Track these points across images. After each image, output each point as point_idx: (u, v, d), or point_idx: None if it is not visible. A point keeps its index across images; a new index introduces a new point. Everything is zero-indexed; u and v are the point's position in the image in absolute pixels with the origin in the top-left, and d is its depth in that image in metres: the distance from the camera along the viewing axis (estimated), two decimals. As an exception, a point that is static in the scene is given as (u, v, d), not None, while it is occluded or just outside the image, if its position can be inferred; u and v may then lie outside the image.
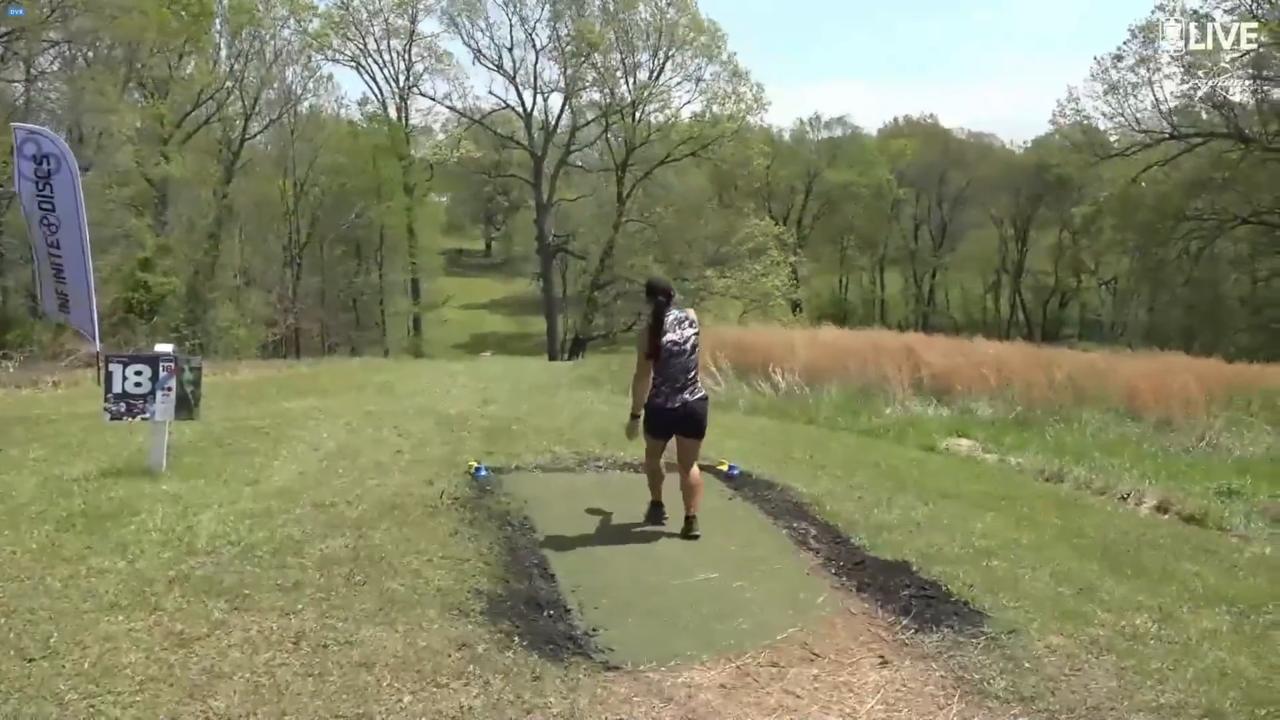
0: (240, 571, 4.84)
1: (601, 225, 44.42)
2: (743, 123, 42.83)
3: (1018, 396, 12.93)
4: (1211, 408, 11.96)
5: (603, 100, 42.95)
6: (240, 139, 39.27)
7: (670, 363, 5.70)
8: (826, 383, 13.90)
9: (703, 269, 41.30)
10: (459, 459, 7.77)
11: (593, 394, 13.83)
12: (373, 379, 15.90)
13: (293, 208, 41.23)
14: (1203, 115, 38.05)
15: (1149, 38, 36.63)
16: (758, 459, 8.32)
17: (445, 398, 12.62)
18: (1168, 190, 38.32)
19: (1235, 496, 8.27)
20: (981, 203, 59.03)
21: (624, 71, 42.58)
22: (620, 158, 43.71)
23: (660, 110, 43.12)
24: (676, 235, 42.88)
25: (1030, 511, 7.07)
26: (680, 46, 41.61)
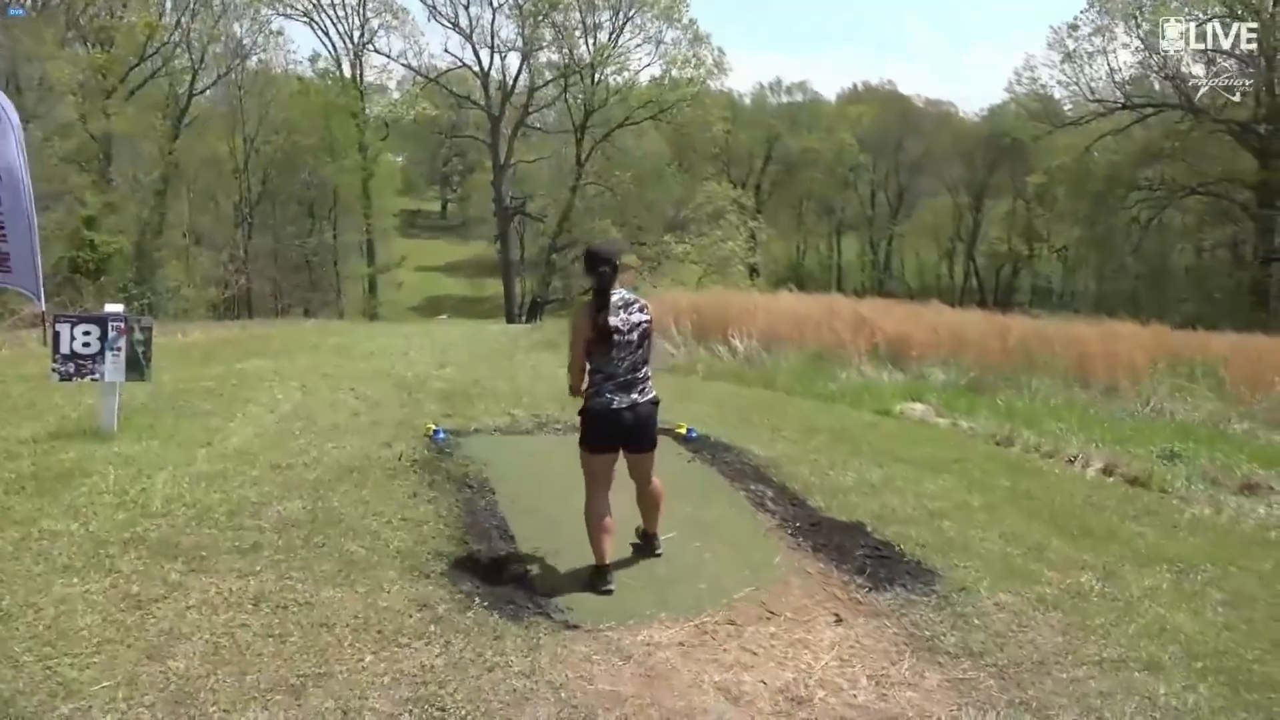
0: (197, 533, 4.81)
1: (560, 188, 44.13)
2: (703, 87, 42.69)
3: (971, 362, 13.13)
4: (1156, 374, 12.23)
5: (561, 61, 42.56)
6: (188, 94, 38.32)
7: (615, 354, 4.53)
8: (784, 348, 14.01)
9: (661, 233, 41.30)
10: (417, 421, 7.75)
11: (550, 357, 13.81)
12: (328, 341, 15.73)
13: (243, 166, 40.38)
14: (1155, 86, 38.63)
15: (1106, 8, 37.03)
16: (716, 422, 8.39)
17: (402, 360, 12.53)
18: (1119, 160, 38.97)
19: (1177, 460, 8.50)
20: (937, 170, 59.55)
21: (583, 31, 42.18)
22: (579, 120, 43.36)
23: (620, 72, 42.89)
24: (635, 199, 42.76)
25: (981, 474, 7.23)
26: (641, 8, 41.22)
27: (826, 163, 57.74)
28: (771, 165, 58.91)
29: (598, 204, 43.30)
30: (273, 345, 14.46)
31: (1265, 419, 10.90)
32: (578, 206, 42.20)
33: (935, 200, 60.51)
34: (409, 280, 51.67)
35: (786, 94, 61.34)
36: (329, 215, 45.21)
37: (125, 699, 3.26)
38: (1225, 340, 15.76)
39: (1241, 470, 7.97)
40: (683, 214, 42.72)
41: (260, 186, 41.43)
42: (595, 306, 4.51)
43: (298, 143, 41.79)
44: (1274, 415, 10.98)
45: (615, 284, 4.53)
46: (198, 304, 31.98)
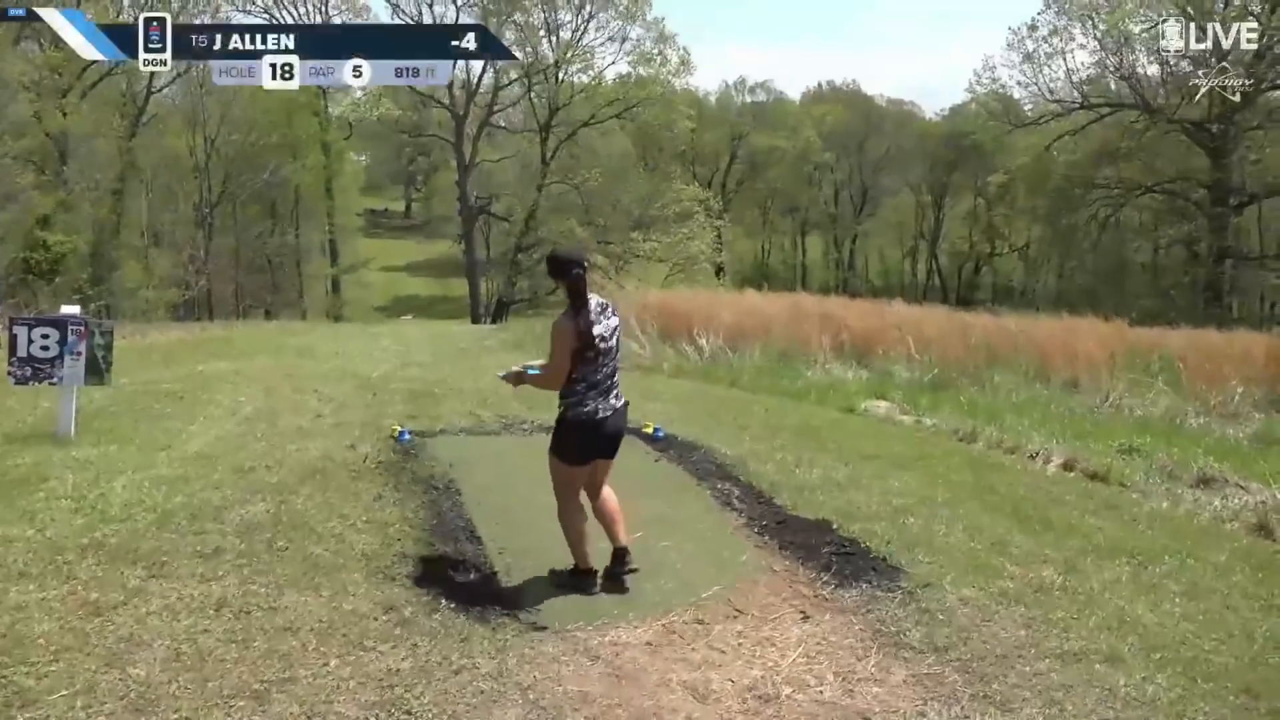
0: (157, 538, 4.74)
1: (525, 187, 43.94)
2: (668, 85, 42.69)
3: (934, 360, 13.26)
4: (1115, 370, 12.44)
5: (525, 59, 42.30)
6: (146, 92, 37.63)
7: (599, 361, 4.38)
8: (750, 346, 14.07)
9: (628, 232, 41.29)
10: (381, 422, 7.69)
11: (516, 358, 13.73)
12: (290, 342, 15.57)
13: (203, 165, 39.78)
14: (1111, 86, 39.25)
15: (1063, 8, 37.60)
16: (682, 421, 8.41)
17: (366, 361, 12.45)
18: (1078, 159, 39.56)
19: (1136, 454, 8.65)
20: (900, 170, 60.00)
21: (546, 30, 42.01)
22: (543, 119, 43.23)
23: (584, 71, 42.76)
24: (601, 198, 42.69)
25: (945, 470, 7.30)
26: (604, 6, 41.16)
27: (791, 161, 58.03)
28: (736, 164, 59.10)
29: (563, 203, 43.16)
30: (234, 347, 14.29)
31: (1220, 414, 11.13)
32: (543, 206, 42.07)
33: (898, 199, 61.01)
34: (374, 280, 51.20)
35: (751, 93, 61.57)
36: (291, 215, 44.69)
37: (84, 707, 3.20)
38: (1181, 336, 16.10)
39: (1197, 465, 8.12)
40: (649, 213, 42.73)
41: (221, 186, 40.80)
42: (575, 312, 4.30)
43: (259, 142, 41.23)
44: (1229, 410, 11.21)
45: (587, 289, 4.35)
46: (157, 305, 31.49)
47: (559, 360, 4.34)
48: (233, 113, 40.57)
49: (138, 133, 36.33)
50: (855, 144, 60.03)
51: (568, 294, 4.35)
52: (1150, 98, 36.93)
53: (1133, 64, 37.11)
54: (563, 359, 4.32)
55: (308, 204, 44.02)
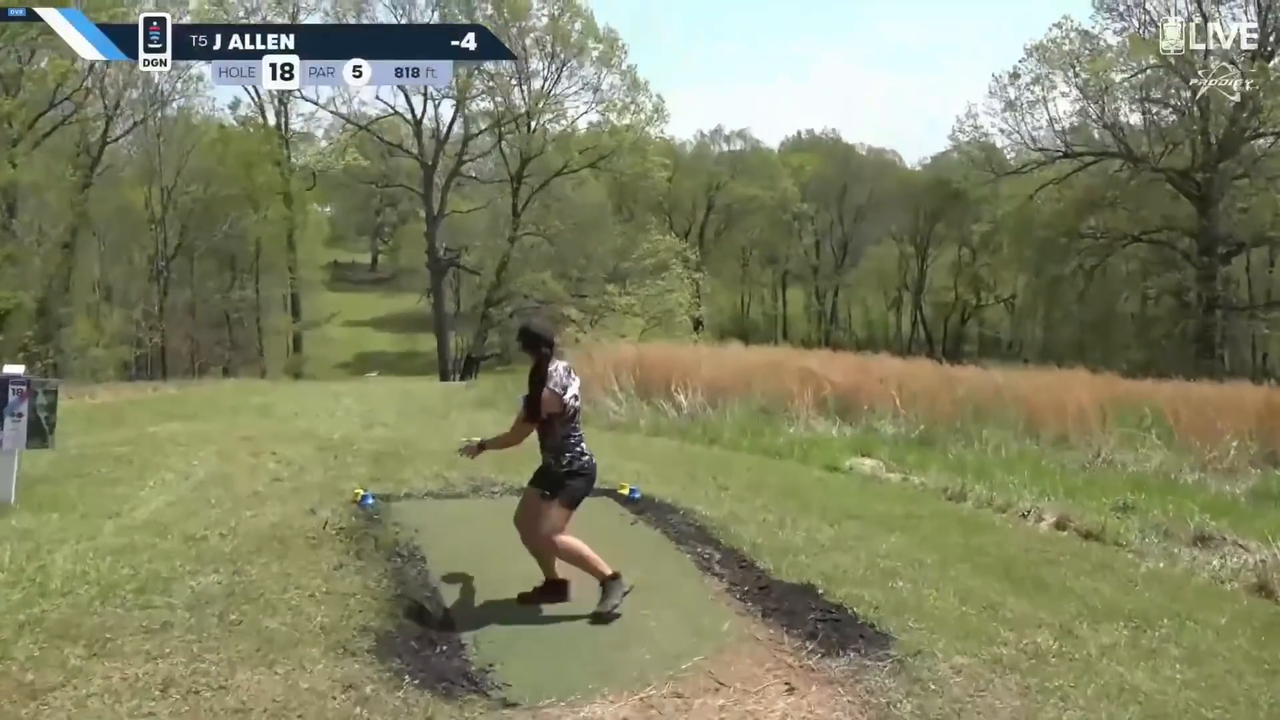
0: (100, 613, 4.62)
1: (496, 239, 44.19)
2: (642, 134, 43.25)
3: (920, 415, 13.33)
4: (1106, 424, 12.54)
5: (496, 108, 42.80)
6: (101, 142, 37.67)
7: (577, 420, 5.10)
8: (729, 402, 14.09)
9: (603, 285, 41.49)
10: (343, 486, 7.61)
11: (487, 416, 13.71)
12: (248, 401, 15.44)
13: (159, 217, 39.69)
14: (1095, 135, 40.19)
15: (1044, 56, 38.58)
16: (660, 481, 8.36)
17: (328, 421, 12.35)
18: (1063, 208, 40.29)
19: (1130, 512, 8.68)
20: (882, 219, 60.81)
21: (518, 79, 42.55)
22: (515, 168, 43.62)
23: (556, 120, 43.24)
24: (575, 249, 42.98)
25: (934, 531, 7.29)
26: (576, 55, 41.81)
27: (770, 211, 58.68)
28: (714, 214, 59.70)
29: (536, 255, 43.41)
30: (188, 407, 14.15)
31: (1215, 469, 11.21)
32: (515, 258, 42.27)
33: (881, 250, 61.74)
34: (337, 336, 51.06)
35: (728, 142, 62.41)
36: (251, 269, 44.60)
37: (15, 800, 3.09)
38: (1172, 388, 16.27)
39: (1194, 522, 8.16)
40: (624, 265, 43.01)
41: (177, 239, 40.69)
42: (554, 383, 4.94)
43: (218, 193, 41.28)
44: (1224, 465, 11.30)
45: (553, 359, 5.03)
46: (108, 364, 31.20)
47: (517, 426, 5.07)
48: (191, 163, 40.67)
49: (91, 184, 36.28)
50: (835, 193, 60.89)
51: (533, 365, 5.02)
52: (1134, 146, 37.87)
53: (1115, 112, 38.15)
54: (520, 425, 5.05)
55: (268, 257, 43.95)
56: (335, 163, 43.66)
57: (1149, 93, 36.56)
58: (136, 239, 39.90)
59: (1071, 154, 39.83)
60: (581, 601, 5.15)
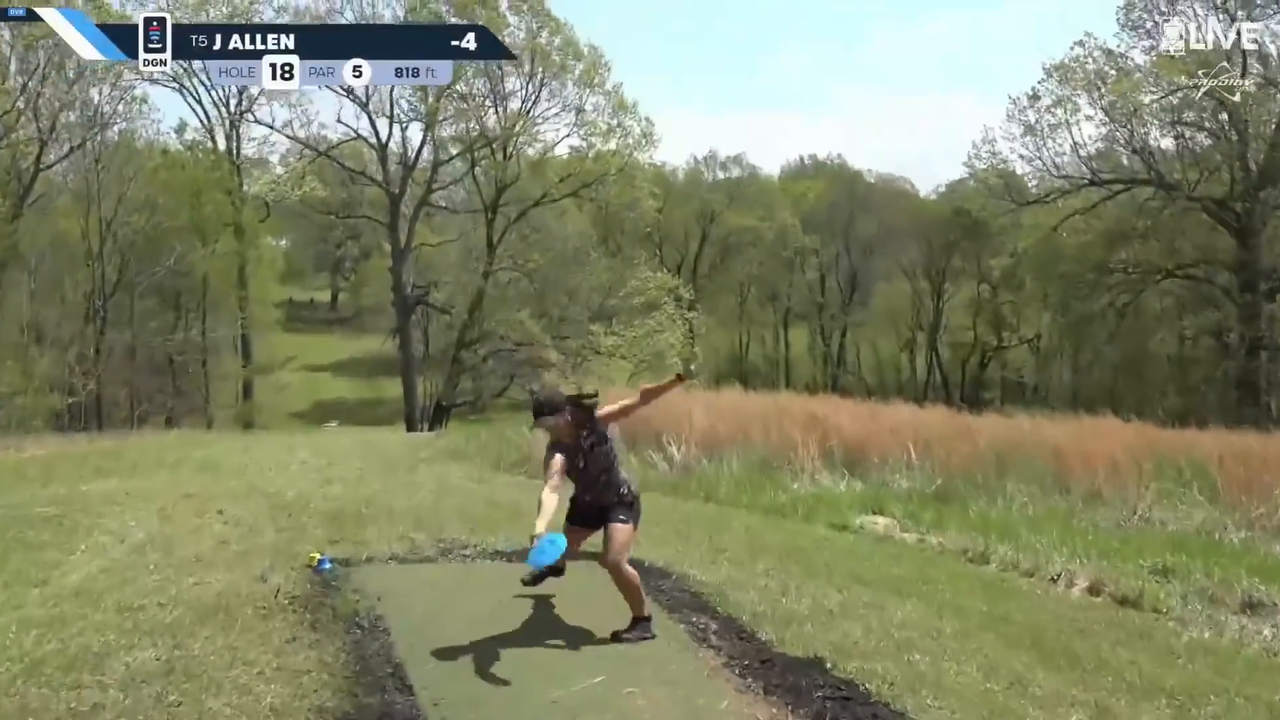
0: (23, 694, 4.56)
1: (468, 274, 44.28)
2: (630, 159, 43.51)
3: (937, 467, 13.34)
4: (1142, 478, 12.55)
5: (469, 132, 43.08)
6: (34, 168, 37.76)
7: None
8: (726, 454, 14.08)
9: (586, 325, 41.56)
10: (297, 549, 7.56)
11: (458, 470, 13.66)
12: (192, 455, 15.34)
13: (97, 250, 39.73)
14: (1123, 160, 40.56)
15: (1066, 76, 39.00)
16: (649, 543, 8.32)
17: (281, 476, 12.28)
18: (1090, 241, 40.52)
19: (1170, 576, 8.66)
20: (893, 252, 61.29)
21: (493, 100, 42.91)
22: (490, 197, 43.83)
23: (535, 144, 43.56)
24: (556, 286, 43.10)
25: (953, 597, 7.26)
26: (557, 74, 42.19)
27: (769, 244, 59.08)
28: (708, 247, 60.10)
29: (513, 292, 43.50)
30: (126, 461, 14.06)
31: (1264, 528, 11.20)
32: (490, 295, 42.35)
33: (891, 285, 62.15)
34: (293, 382, 50.97)
35: (723, 169, 62.98)
36: (198, 308, 44.61)
37: None
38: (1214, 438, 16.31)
39: (1242, 586, 8.14)
40: (610, 302, 43.14)
41: (116, 275, 40.71)
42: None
43: (162, 224, 41.39)
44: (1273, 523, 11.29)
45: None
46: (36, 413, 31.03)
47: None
48: (132, 192, 40.80)
49: (21, 215, 36.31)
50: (842, 224, 61.37)
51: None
52: (1166, 173, 38.13)
53: (1145, 137, 38.46)
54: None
55: (217, 295, 43.97)
56: (291, 191, 43.76)
57: (1181, 115, 36.99)
58: (71, 275, 39.89)
59: (1098, 182, 40.12)
60: (567, 678, 5.10)
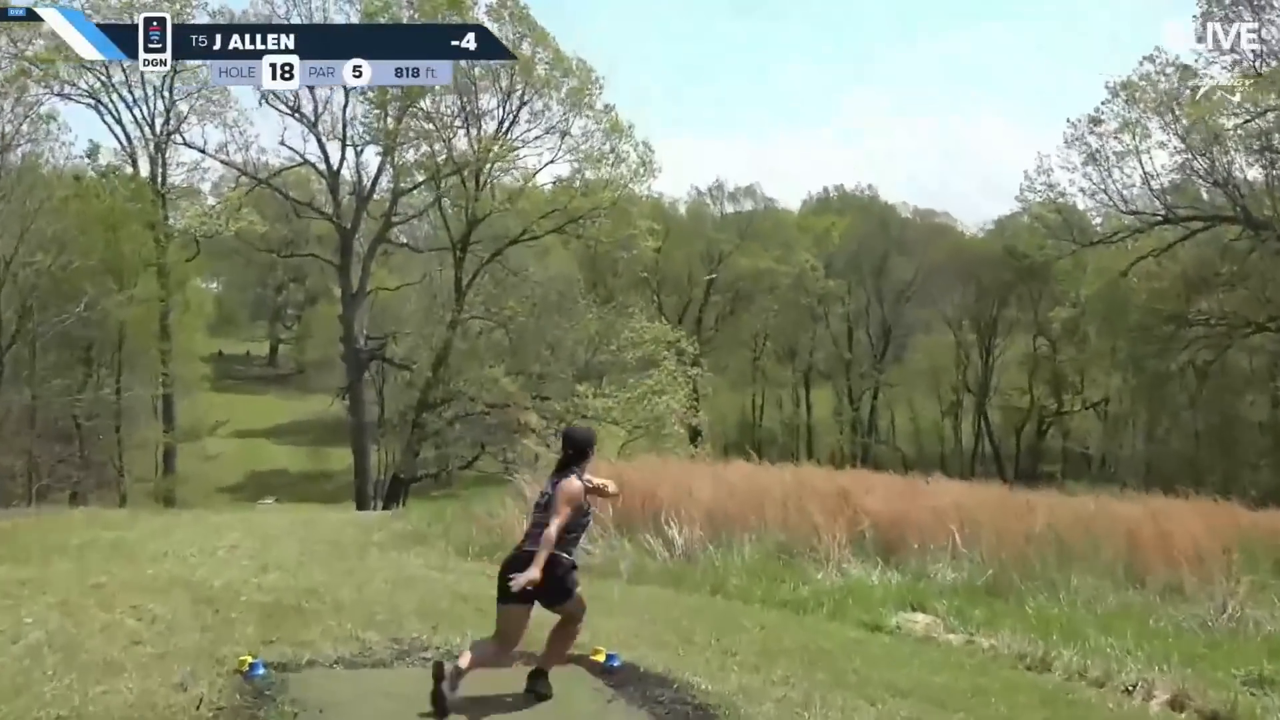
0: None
1: (433, 324, 44.35)
2: (624, 191, 43.69)
3: (988, 555, 13.28)
4: (1231, 568, 12.50)
5: (435, 157, 43.29)
6: (-80, 200, 37.99)
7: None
8: (737, 538, 14.00)
9: (571, 384, 41.48)
10: (225, 651, 7.50)
11: (418, 556, 13.60)
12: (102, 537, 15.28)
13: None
14: (1203, 194, 40.67)
15: (1133, 96, 39.11)
16: (646, 645, 8.28)
17: (207, 563, 12.23)
18: (1165, 287, 40.54)
19: (1269, 686, 8.61)
20: (933, 300, 61.47)
21: (464, 120, 43.19)
22: (459, 233, 43.94)
23: (513, 172, 43.77)
24: (536, 338, 43.13)
25: (1009, 711, 7.20)
26: (540, 91, 42.51)
27: (786, 290, 59.24)
28: (715, 293, 60.33)
29: (485, 345, 43.53)
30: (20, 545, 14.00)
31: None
32: (458, 348, 42.36)
33: (932, 339, 62.32)
34: (223, 451, 50.85)
35: (733, 201, 63.38)
36: (111, 362, 44.55)
37: None
38: (1317, 520, 16.26)
39: (1354, 701, 8.09)
40: (600, 358, 43.16)
41: (15, 323, 40.71)
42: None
43: (71, 264, 41.43)
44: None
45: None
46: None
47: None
48: (37, 226, 40.88)
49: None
50: (873, 267, 61.72)
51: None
52: (1254, 209, 38.12)
53: (1228, 166, 38.53)
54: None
55: (135, 347, 43.88)
56: (225, 225, 43.88)
57: (1271, 141, 37.11)
58: (-41, 322, 39.89)
59: (1174, 219, 40.21)
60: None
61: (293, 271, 62.49)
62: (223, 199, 45.47)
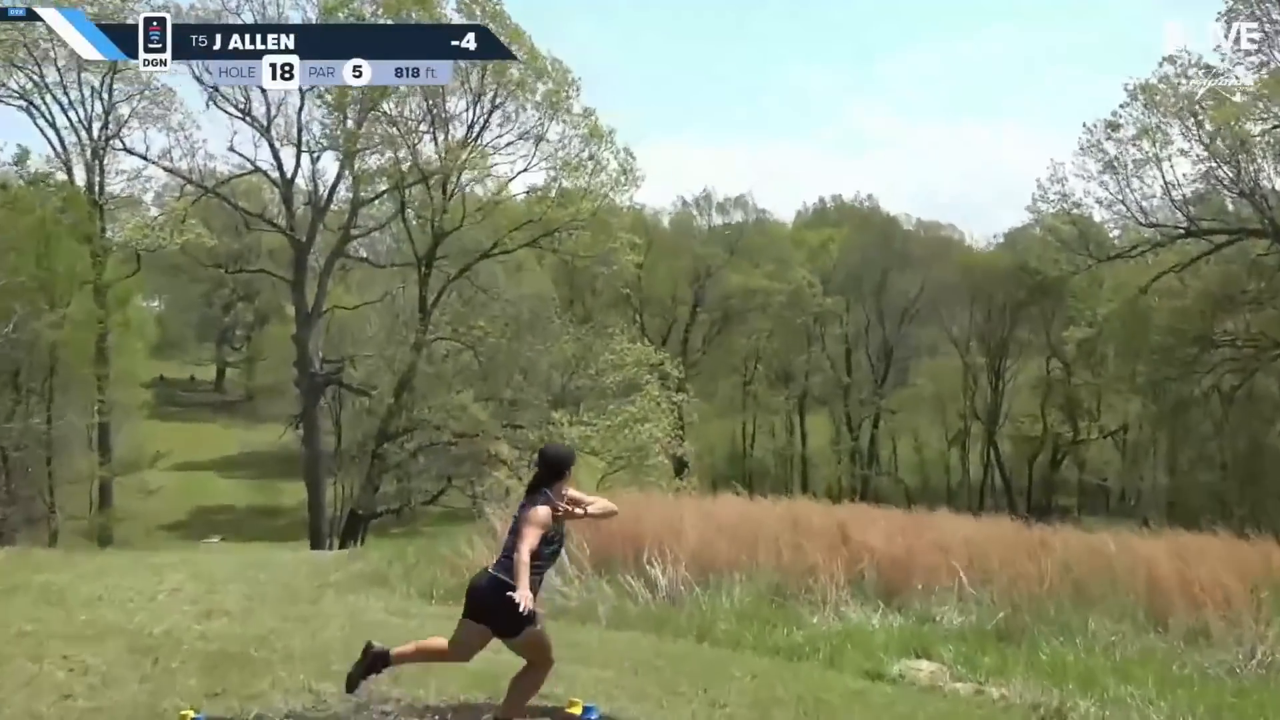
0: None
1: (395, 346, 44.27)
2: (604, 201, 43.74)
3: (998, 596, 13.29)
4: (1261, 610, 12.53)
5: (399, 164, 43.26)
6: None
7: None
8: (726, 579, 13.99)
9: (546, 411, 41.43)
10: (165, 705, 7.48)
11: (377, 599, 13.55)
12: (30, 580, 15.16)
13: (-88, 313, 39.63)
14: (1228, 205, 40.84)
15: (1153, 100, 39.21)
16: (627, 695, 8.27)
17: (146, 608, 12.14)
18: (1188, 306, 40.69)
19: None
20: (938, 319, 61.65)
21: (430, 125, 43.22)
22: (424, 247, 43.97)
23: (484, 180, 43.78)
24: (508, 361, 43.08)
25: (1021, 767, 7.20)
26: (513, 93, 42.56)
27: (780, 309, 59.34)
28: (702, 312, 60.39)
29: (452, 369, 43.42)
30: (-57, 588, 13.89)
31: None
32: (423, 372, 42.26)
33: (937, 362, 62.50)
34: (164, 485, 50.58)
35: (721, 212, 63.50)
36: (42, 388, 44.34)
37: None
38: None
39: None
40: (577, 383, 43.13)
41: (-63, 346, 40.62)
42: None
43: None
44: None
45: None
46: None
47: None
48: (-38, 240, 40.75)
49: None
50: (873, 284, 61.91)
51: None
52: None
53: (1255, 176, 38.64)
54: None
55: (69, 372, 43.71)
56: (170, 238, 43.62)
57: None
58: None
59: (1197, 231, 40.31)
60: None
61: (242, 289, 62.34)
62: (166, 210, 45.22)
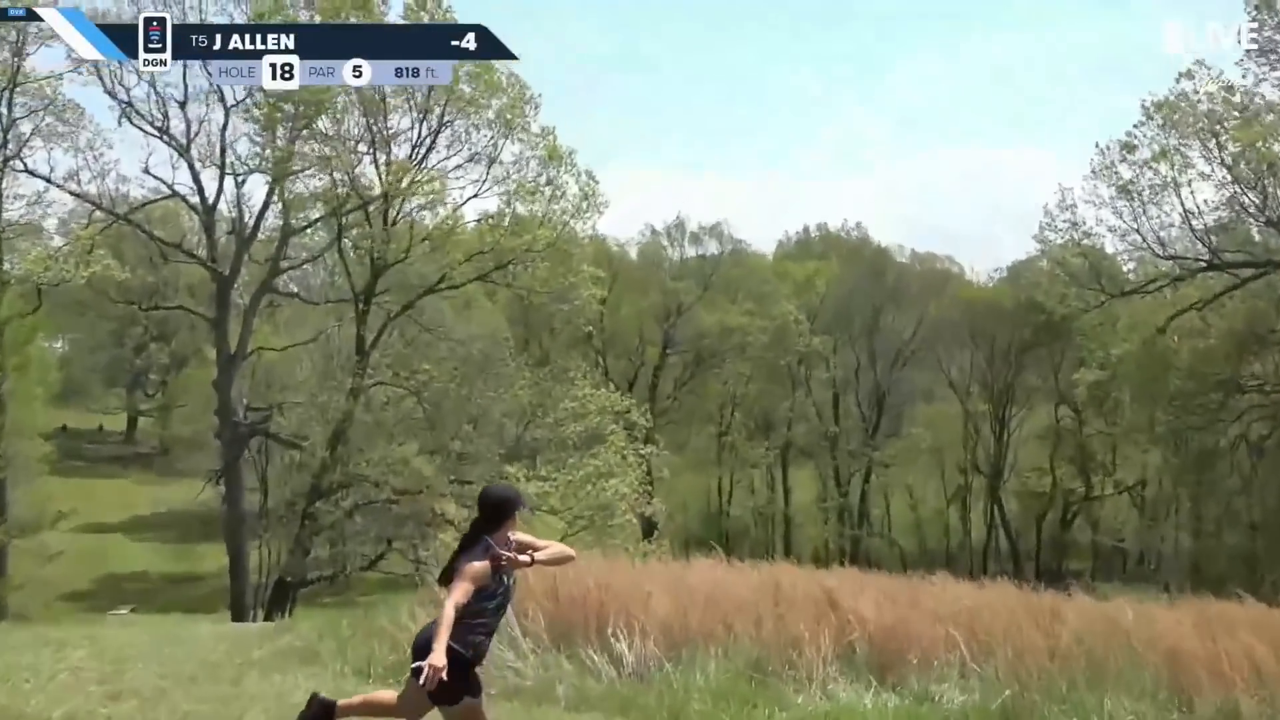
0: None
1: (329, 392, 44.05)
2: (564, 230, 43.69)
3: (1003, 672, 13.29)
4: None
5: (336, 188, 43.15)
6: None
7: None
8: (700, 653, 13.94)
9: (499, 465, 41.27)
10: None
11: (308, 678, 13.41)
12: (-86, 657, 15.01)
13: None
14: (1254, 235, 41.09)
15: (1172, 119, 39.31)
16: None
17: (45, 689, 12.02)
18: (1212, 346, 40.82)
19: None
20: (936, 361, 61.86)
21: (370, 143, 43.17)
22: (363, 281, 43.79)
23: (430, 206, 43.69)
24: (455, 409, 42.93)
25: None
26: (463, 110, 42.57)
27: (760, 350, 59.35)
28: (673, 354, 60.37)
29: (393, 417, 43.23)
30: None
31: None
32: (360, 422, 42.03)
33: (935, 409, 62.66)
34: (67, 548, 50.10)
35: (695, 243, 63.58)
36: (-68, 439, 44.06)
37: None
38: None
39: None
40: (535, 433, 43.01)
41: None
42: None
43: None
44: None
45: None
46: None
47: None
48: None
49: None
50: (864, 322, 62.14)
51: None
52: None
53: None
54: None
55: (-41, 422, 43.50)
56: (75, 271, 43.37)
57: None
58: None
59: (1220, 264, 40.44)
60: None
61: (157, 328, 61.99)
62: (72, 239, 44.87)
